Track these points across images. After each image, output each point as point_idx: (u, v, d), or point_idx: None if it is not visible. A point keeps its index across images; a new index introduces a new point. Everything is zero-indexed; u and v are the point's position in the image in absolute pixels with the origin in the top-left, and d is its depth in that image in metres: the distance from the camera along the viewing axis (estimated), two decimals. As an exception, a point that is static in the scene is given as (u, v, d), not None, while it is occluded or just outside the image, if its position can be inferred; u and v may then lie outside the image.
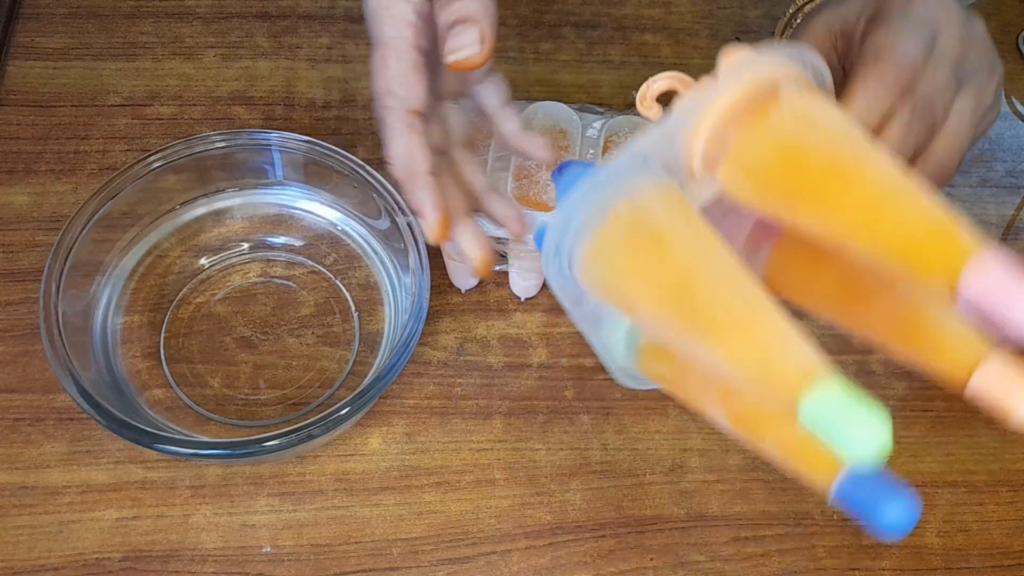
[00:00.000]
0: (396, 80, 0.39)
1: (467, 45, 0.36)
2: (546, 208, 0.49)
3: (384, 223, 0.53)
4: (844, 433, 0.22)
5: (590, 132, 0.52)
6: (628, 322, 0.33)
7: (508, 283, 0.55)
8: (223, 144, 0.53)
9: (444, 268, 0.55)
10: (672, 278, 0.27)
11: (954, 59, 0.37)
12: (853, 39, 0.40)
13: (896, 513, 0.26)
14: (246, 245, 0.56)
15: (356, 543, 0.48)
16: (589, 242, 0.30)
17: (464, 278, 0.55)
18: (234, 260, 0.55)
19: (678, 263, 0.28)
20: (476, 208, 0.46)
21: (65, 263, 0.48)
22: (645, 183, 0.30)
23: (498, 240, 0.51)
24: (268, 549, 0.47)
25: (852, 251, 0.26)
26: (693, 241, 0.28)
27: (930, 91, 0.37)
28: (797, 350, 0.24)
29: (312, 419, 0.44)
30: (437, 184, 0.41)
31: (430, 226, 0.42)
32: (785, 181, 0.29)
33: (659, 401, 0.53)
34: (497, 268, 0.55)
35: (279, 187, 0.56)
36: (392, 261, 0.54)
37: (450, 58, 0.36)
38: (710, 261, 0.27)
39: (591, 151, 0.51)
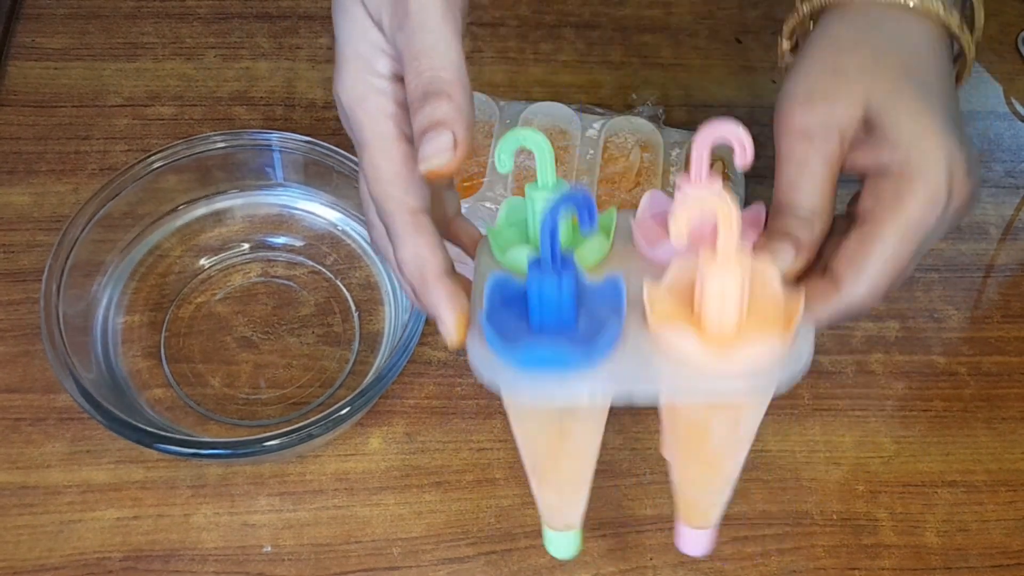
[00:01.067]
0: (392, 183, 0.36)
1: (440, 151, 0.34)
2: None
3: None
4: (553, 549, 0.42)
5: (590, 132, 0.52)
6: None
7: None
8: (224, 144, 0.53)
9: (444, 268, 0.55)
10: (552, 452, 0.38)
11: (958, 217, 0.37)
12: (858, 150, 0.38)
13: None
14: (247, 245, 0.56)
15: (356, 543, 0.48)
16: (516, 401, 0.37)
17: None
18: (235, 260, 0.55)
19: (563, 449, 0.37)
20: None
21: (66, 263, 0.48)
22: (587, 392, 0.35)
23: None
24: (268, 549, 0.47)
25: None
26: (583, 443, 0.37)
27: (930, 244, 0.37)
28: (572, 511, 0.40)
29: (312, 419, 0.44)
30: (455, 281, 0.37)
31: (450, 331, 0.36)
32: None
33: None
34: None
35: (279, 187, 0.56)
36: (392, 261, 0.54)
37: (423, 166, 0.34)
38: (581, 456, 0.38)
39: (591, 151, 0.51)
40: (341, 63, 0.37)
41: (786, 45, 0.44)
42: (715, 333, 0.34)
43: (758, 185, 0.59)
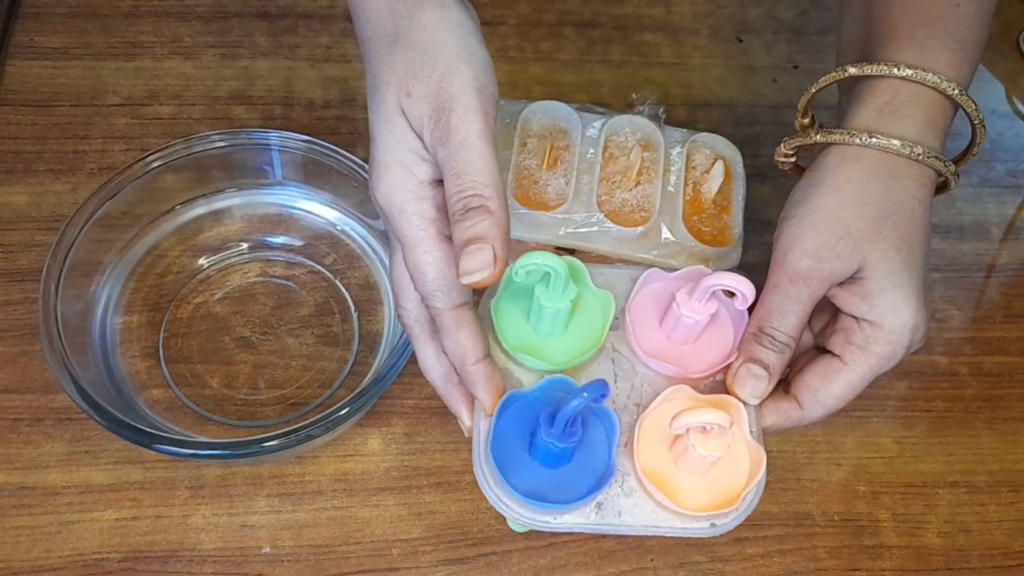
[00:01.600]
0: (436, 282, 0.39)
1: (481, 268, 0.37)
2: (546, 207, 0.49)
3: (384, 223, 0.53)
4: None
5: (590, 132, 0.52)
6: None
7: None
8: (222, 144, 0.53)
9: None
10: None
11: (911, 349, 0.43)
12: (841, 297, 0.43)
13: None
14: (245, 245, 0.56)
15: (356, 543, 0.48)
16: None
17: None
18: (233, 260, 0.55)
19: None
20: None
21: (64, 263, 0.48)
22: None
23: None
24: (267, 550, 0.47)
25: None
26: None
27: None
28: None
29: (312, 419, 0.44)
30: (490, 366, 0.42)
31: (486, 407, 0.42)
32: None
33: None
34: None
35: (278, 187, 0.56)
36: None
37: (464, 280, 0.37)
38: None
39: (591, 151, 0.51)
40: (381, 169, 0.39)
41: (787, 154, 0.48)
42: (688, 474, 0.42)
43: (760, 184, 0.59)
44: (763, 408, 0.44)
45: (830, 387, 0.43)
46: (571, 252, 0.50)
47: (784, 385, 0.45)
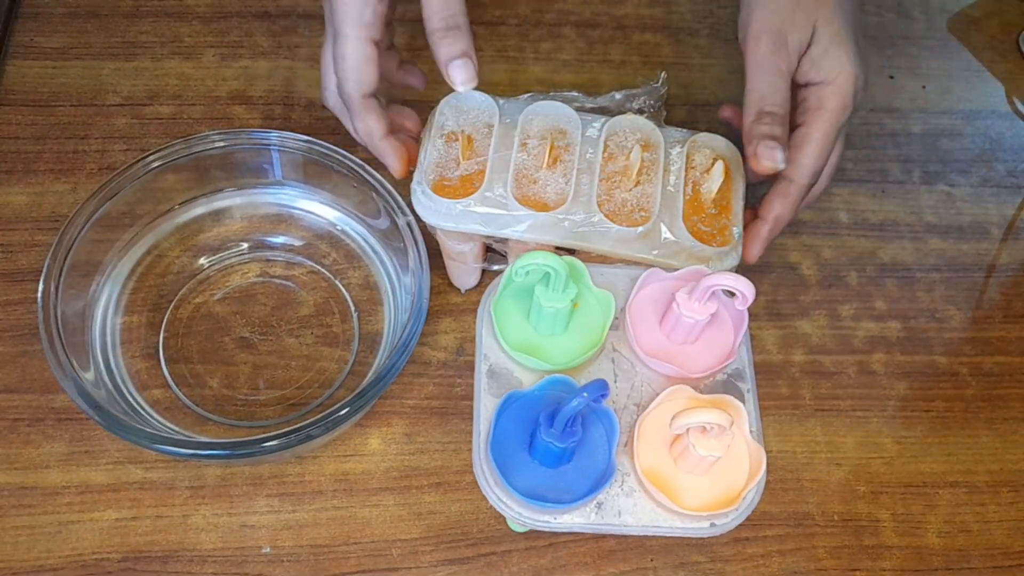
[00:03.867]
0: (353, 72, 0.48)
1: (470, 79, 0.47)
2: (546, 208, 0.49)
3: (384, 223, 0.53)
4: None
5: (590, 132, 0.52)
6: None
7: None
8: (222, 144, 0.53)
9: (444, 268, 0.55)
10: None
11: (856, 111, 0.51)
12: (798, 64, 0.51)
13: None
14: (245, 245, 0.56)
15: (356, 544, 0.48)
16: None
17: (464, 278, 0.55)
18: (233, 260, 0.55)
19: None
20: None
21: (64, 263, 0.48)
22: None
23: (498, 240, 0.51)
24: (267, 550, 0.47)
25: None
26: None
27: (843, 133, 0.52)
28: None
29: (311, 419, 0.44)
30: (395, 140, 0.51)
31: (396, 170, 0.51)
32: None
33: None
34: (496, 267, 0.55)
35: (278, 187, 0.56)
36: (392, 261, 0.54)
37: (460, 88, 0.48)
38: None
39: (591, 151, 0.51)
40: None
41: None
42: (688, 474, 0.43)
43: (759, 185, 0.59)
44: (768, 201, 0.51)
45: (804, 149, 0.50)
46: (571, 252, 0.50)
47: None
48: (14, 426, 0.49)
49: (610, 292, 0.47)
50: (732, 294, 0.46)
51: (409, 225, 0.50)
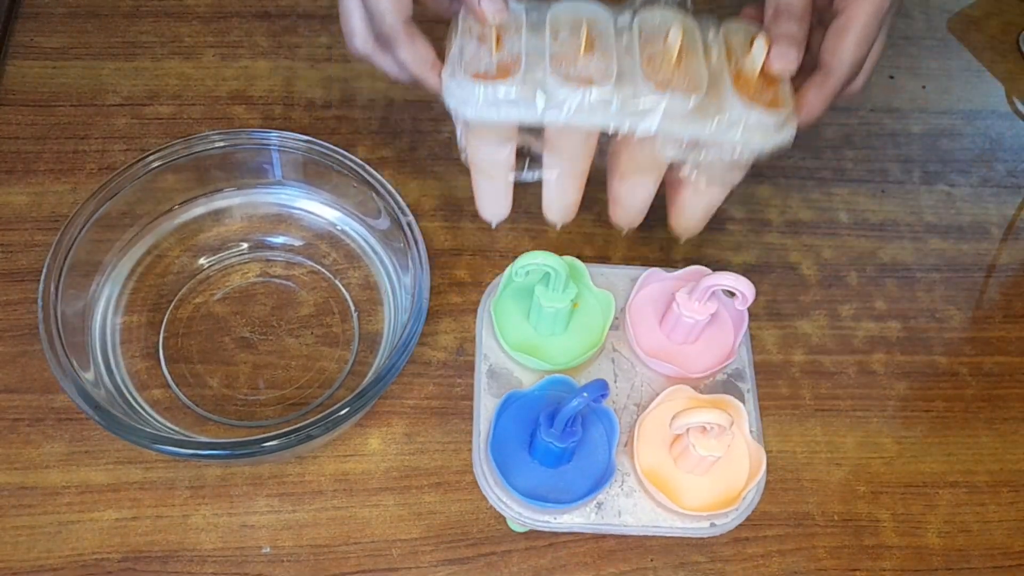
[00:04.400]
0: (391, 2, 0.45)
1: (500, 9, 0.45)
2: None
3: (384, 223, 0.53)
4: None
5: (620, 22, 0.50)
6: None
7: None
8: (222, 144, 0.53)
9: (444, 268, 0.55)
10: None
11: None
12: None
13: None
14: (245, 245, 0.56)
15: (356, 544, 0.48)
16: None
17: (496, 202, 0.52)
18: (233, 260, 0.55)
19: None
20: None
21: (64, 263, 0.48)
22: None
23: (537, 138, 0.49)
24: (267, 550, 0.47)
25: None
26: None
27: (888, 21, 0.48)
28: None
29: (311, 419, 0.44)
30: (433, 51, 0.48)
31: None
32: None
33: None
34: (532, 177, 0.52)
35: (278, 187, 0.56)
36: (392, 261, 0.54)
37: (492, 20, 0.45)
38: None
39: (625, 37, 0.49)
40: None
41: None
42: (688, 474, 0.44)
43: (760, 184, 0.59)
44: (803, 91, 0.47)
45: (843, 37, 0.46)
46: (577, 255, 0.50)
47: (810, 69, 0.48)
48: (14, 426, 0.49)
49: (610, 292, 0.47)
50: (732, 294, 0.46)
51: (409, 225, 0.50)
